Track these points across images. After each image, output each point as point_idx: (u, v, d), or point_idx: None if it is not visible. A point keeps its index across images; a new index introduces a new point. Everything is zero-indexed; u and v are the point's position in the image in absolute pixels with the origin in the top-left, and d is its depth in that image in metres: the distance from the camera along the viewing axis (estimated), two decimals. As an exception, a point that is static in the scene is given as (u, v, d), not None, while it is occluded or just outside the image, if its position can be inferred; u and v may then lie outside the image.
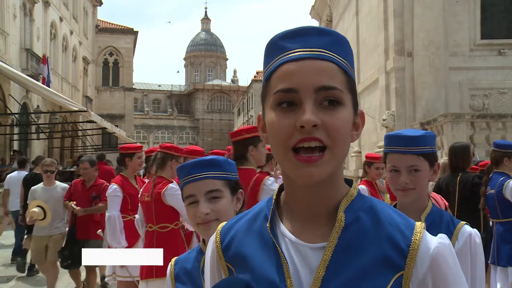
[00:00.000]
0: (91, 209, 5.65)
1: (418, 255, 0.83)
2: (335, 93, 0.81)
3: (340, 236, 0.84)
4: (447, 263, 0.85)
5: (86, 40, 32.03)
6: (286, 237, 0.87)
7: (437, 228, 1.67)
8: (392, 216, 0.88)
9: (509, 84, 13.00)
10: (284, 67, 0.82)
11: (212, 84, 60.42)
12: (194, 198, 1.52)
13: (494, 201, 4.23)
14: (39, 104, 19.18)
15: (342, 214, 0.85)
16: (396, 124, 13.01)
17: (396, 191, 1.77)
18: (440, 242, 0.87)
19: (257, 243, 0.89)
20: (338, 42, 0.84)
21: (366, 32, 16.91)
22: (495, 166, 4.32)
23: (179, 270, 1.57)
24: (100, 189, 5.74)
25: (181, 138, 56.97)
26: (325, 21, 24.18)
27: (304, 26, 0.85)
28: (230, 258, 0.92)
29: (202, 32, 68.56)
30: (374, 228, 0.85)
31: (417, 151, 1.71)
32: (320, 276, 0.81)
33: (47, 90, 10.73)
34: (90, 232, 5.47)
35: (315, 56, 0.81)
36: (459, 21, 13.12)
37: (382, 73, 14.28)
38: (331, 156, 0.80)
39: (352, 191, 0.89)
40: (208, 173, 1.52)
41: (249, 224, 0.93)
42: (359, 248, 0.83)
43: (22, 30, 19.14)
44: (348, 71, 0.84)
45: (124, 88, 36.90)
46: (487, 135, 10.58)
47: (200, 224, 1.51)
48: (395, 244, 0.84)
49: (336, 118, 0.80)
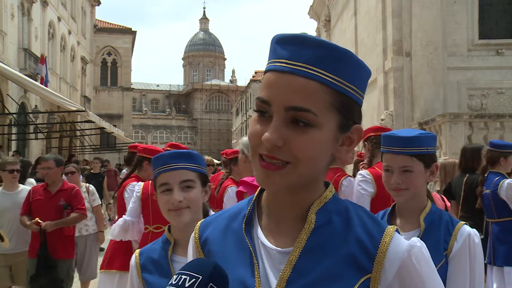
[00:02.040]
0: (63, 221, 4.50)
1: (387, 258, 0.82)
2: (306, 116, 0.77)
3: (309, 238, 0.83)
4: (419, 265, 0.83)
5: (84, 40, 31.99)
6: (260, 239, 0.88)
7: (436, 228, 1.67)
8: (364, 219, 0.87)
9: (507, 84, 13.03)
10: (267, 75, 0.82)
11: (210, 84, 60.42)
12: (168, 186, 1.61)
13: (490, 201, 4.23)
14: (37, 104, 19.14)
15: (313, 216, 0.85)
16: (395, 124, 13.02)
17: (390, 190, 1.78)
18: (411, 245, 0.84)
19: (233, 241, 0.90)
20: (331, 57, 0.79)
21: (364, 32, 16.92)
22: (491, 166, 4.30)
23: (145, 260, 1.61)
24: (70, 196, 4.61)
25: (180, 138, 56.92)
26: (323, 21, 24.19)
27: (298, 35, 0.81)
28: (206, 253, 0.94)
29: (200, 31, 68.54)
30: (344, 230, 0.84)
31: (410, 152, 1.71)
32: (286, 277, 0.82)
33: (45, 90, 10.71)
34: (58, 250, 4.48)
35: (296, 71, 0.78)
36: (457, 21, 13.14)
37: (380, 73, 14.29)
38: (294, 170, 0.79)
39: (326, 193, 0.88)
40: (183, 164, 1.63)
41: (228, 221, 0.94)
42: (328, 250, 0.83)
43: (20, 29, 19.10)
44: (339, 88, 0.79)
45: (123, 88, 36.87)
46: (485, 135, 10.59)
47: (171, 211, 1.60)
48: (363, 246, 0.83)
49: (303, 139, 0.78)
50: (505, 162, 4.24)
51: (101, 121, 12.78)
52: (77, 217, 4.60)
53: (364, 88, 0.85)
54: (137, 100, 57.98)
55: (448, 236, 1.63)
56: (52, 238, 4.40)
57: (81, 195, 4.78)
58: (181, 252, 1.61)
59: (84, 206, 4.73)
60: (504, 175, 4.20)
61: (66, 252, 4.62)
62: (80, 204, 4.65)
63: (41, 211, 4.46)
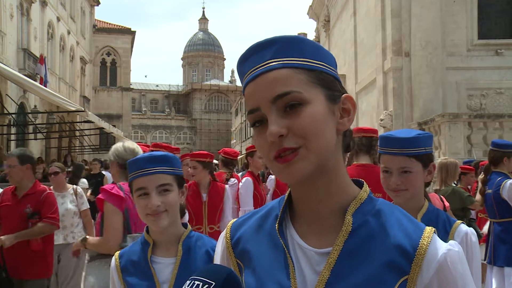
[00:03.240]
0: (25, 233, 3.70)
1: (425, 260, 0.82)
2: (292, 96, 0.81)
3: (347, 240, 0.84)
4: (455, 270, 0.83)
5: (84, 40, 31.97)
6: (294, 239, 0.88)
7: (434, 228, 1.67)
8: (401, 220, 0.87)
9: (506, 84, 13.04)
10: (245, 90, 0.86)
11: (209, 84, 60.38)
12: (145, 190, 1.61)
13: (492, 201, 4.22)
14: (37, 104, 19.13)
15: (350, 217, 0.85)
16: (394, 124, 13.03)
17: (388, 191, 1.78)
18: (448, 248, 0.85)
19: (266, 241, 0.90)
20: (287, 46, 0.84)
21: (363, 32, 16.93)
22: (494, 166, 4.27)
23: (125, 262, 1.63)
24: (39, 201, 3.80)
25: (179, 138, 56.91)
26: (323, 21, 24.20)
27: (252, 45, 0.86)
28: (238, 254, 0.93)
29: (199, 32, 68.49)
30: (382, 232, 0.84)
31: (408, 152, 1.71)
32: (325, 279, 0.82)
33: (45, 90, 10.70)
34: (24, 268, 3.71)
35: (265, 69, 0.82)
36: (456, 21, 13.15)
37: (379, 73, 14.30)
38: (307, 151, 0.81)
39: (362, 194, 0.88)
40: (160, 168, 1.63)
41: (260, 222, 0.94)
42: (366, 253, 0.83)
43: (19, 30, 19.09)
44: (309, 67, 0.83)
45: (122, 88, 36.86)
46: (484, 135, 10.60)
47: (149, 215, 1.60)
48: (402, 248, 0.83)
49: (301, 118, 0.80)
50: (508, 162, 4.21)
51: (100, 121, 12.77)
52: (44, 227, 3.75)
53: (334, 65, 0.88)
54: (136, 100, 57.94)
55: (445, 235, 1.63)
56: (14, 255, 3.61)
57: (52, 200, 3.92)
58: (160, 252, 1.64)
59: (56, 213, 3.90)
60: (507, 175, 4.17)
61: (36, 270, 3.78)
62: (51, 212, 3.82)
63: (7, 220, 3.75)
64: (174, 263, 1.61)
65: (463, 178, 5.65)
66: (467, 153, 10.40)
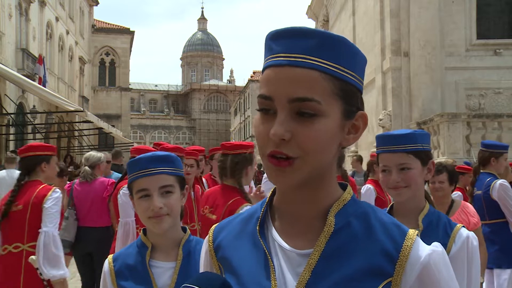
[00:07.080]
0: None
1: (408, 262, 0.81)
2: (311, 105, 0.77)
3: (329, 241, 0.83)
4: (439, 271, 0.83)
5: (83, 40, 31.94)
6: (276, 240, 0.87)
7: (435, 230, 1.66)
8: (385, 222, 0.86)
9: (505, 84, 13.05)
10: (266, 71, 0.81)
11: (208, 84, 60.41)
12: (147, 192, 1.54)
13: (481, 202, 4.15)
14: (35, 104, 19.11)
15: (332, 218, 0.84)
16: (393, 124, 13.04)
17: (389, 190, 1.76)
18: (432, 249, 0.84)
19: (248, 244, 0.89)
20: (326, 45, 0.79)
21: (362, 32, 16.94)
22: (482, 166, 4.23)
23: (120, 266, 1.55)
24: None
25: (178, 138, 56.91)
26: (322, 21, 24.20)
27: (290, 28, 0.81)
28: (219, 258, 0.93)
29: (198, 32, 68.49)
30: (365, 234, 0.84)
31: (405, 149, 1.70)
32: (305, 280, 0.81)
33: (43, 90, 10.70)
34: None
35: (294, 63, 0.78)
36: (455, 21, 13.15)
37: (378, 73, 14.31)
38: (303, 163, 0.79)
39: (345, 196, 0.87)
40: (163, 168, 1.56)
41: (242, 225, 0.93)
42: (348, 254, 0.82)
43: (18, 30, 19.06)
44: (339, 75, 0.79)
45: (121, 88, 36.84)
46: (483, 135, 10.60)
47: (151, 218, 1.53)
48: (386, 251, 0.82)
49: (311, 129, 0.78)
50: (496, 163, 4.16)
51: (99, 121, 12.78)
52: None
53: (362, 74, 0.85)
54: (135, 100, 57.92)
55: (446, 238, 1.62)
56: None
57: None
58: (159, 256, 1.57)
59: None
60: (496, 176, 4.11)
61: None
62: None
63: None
64: (174, 268, 1.54)
65: (461, 178, 5.62)
66: (466, 153, 10.41)
